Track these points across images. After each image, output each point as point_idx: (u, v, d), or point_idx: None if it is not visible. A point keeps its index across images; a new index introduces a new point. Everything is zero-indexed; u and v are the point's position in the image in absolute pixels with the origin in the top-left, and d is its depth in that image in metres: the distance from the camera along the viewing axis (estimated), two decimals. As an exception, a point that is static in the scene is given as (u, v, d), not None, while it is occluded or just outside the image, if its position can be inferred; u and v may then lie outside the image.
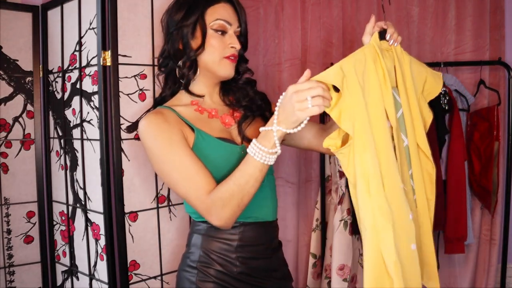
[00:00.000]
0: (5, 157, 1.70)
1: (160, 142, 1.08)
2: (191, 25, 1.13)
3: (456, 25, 2.11)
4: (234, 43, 1.15)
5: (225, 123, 1.19)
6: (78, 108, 1.56)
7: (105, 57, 1.41)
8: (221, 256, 1.13)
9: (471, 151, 2.09)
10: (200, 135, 1.11)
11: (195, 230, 1.19)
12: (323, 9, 2.19)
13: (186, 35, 1.14)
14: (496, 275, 2.17)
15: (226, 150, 1.11)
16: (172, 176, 1.08)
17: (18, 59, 1.71)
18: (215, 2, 1.14)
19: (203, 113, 1.18)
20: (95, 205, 1.51)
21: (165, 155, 1.07)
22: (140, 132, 1.10)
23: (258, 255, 1.16)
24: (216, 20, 1.13)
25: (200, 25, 1.13)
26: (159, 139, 1.08)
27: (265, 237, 1.17)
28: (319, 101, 0.92)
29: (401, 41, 1.10)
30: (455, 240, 2.00)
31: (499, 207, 2.12)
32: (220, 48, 1.14)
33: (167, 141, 1.07)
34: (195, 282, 1.13)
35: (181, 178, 1.07)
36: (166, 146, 1.07)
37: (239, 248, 1.14)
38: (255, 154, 1.01)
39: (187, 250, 1.20)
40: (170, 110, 1.14)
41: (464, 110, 2.07)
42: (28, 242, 1.76)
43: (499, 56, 2.07)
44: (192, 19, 1.13)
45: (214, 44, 1.13)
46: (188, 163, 1.06)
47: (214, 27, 1.13)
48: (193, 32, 1.13)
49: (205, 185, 1.06)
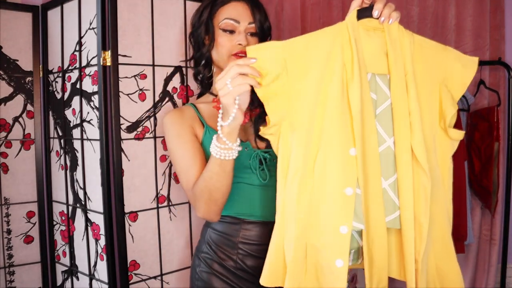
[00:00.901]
0: (5, 157, 1.70)
1: (170, 134, 1.19)
2: (203, 26, 1.22)
3: (456, 25, 2.11)
4: (241, 40, 1.18)
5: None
6: (78, 108, 1.56)
7: (105, 57, 1.41)
8: (222, 251, 1.18)
9: (471, 151, 2.09)
10: (208, 131, 1.18)
11: (206, 223, 1.27)
12: (323, 9, 2.19)
13: (200, 35, 1.24)
14: (496, 275, 2.17)
15: None
16: (175, 166, 1.19)
17: (18, 59, 1.71)
18: (226, 2, 1.20)
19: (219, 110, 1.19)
20: (95, 205, 1.51)
21: (173, 147, 1.18)
22: (163, 124, 1.22)
23: (258, 253, 1.17)
24: (224, 19, 1.19)
25: (209, 24, 1.21)
26: (170, 132, 1.19)
27: (268, 237, 1.17)
28: (238, 81, 0.89)
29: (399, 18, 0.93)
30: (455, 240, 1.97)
31: (499, 207, 2.12)
32: (228, 46, 1.19)
33: (175, 134, 1.18)
34: (198, 272, 1.21)
35: (180, 169, 1.17)
36: (174, 139, 1.18)
37: (240, 245, 1.17)
38: (212, 150, 1.02)
39: (199, 240, 1.29)
40: (191, 106, 1.25)
41: (464, 110, 2.07)
42: (28, 242, 1.76)
43: (499, 56, 2.06)
44: (203, 20, 1.22)
45: (221, 42, 1.20)
46: (187, 157, 1.15)
47: (222, 27, 1.19)
48: (205, 31, 1.22)
49: (194, 179, 1.12)
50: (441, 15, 2.12)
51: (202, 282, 1.19)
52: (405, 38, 0.93)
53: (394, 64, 0.91)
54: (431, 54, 0.96)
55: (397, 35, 0.92)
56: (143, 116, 1.49)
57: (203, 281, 1.19)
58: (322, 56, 0.92)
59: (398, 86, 0.91)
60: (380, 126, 0.93)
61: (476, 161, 2.08)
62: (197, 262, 1.23)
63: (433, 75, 0.95)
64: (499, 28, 2.10)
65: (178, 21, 1.56)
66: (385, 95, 0.93)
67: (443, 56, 0.97)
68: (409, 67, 0.92)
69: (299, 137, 0.92)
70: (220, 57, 1.21)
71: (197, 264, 1.23)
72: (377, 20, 0.92)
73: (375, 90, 0.93)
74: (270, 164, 1.17)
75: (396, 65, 0.91)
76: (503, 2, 2.10)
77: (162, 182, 1.55)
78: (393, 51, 0.92)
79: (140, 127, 1.49)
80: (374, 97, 0.93)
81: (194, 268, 1.24)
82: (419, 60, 0.94)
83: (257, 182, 1.16)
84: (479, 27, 2.09)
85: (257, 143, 1.19)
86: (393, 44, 0.92)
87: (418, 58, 0.94)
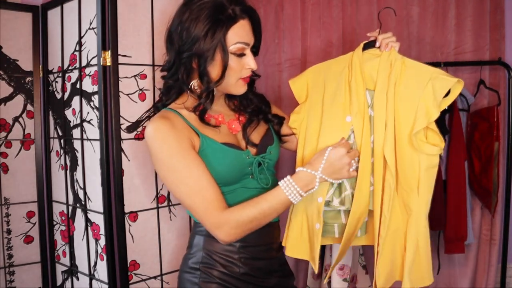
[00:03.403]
0: (5, 157, 1.70)
1: (167, 150, 1.05)
2: (211, 50, 1.05)
3: (456, 25, 2.11)
4: (251, 64, 1.11)
5: (232, 128, 1.18)
6: (78, 108, 1.56)
7: (105, 57, 1.41)
8: (223, 257, 1.14)
9: (471, 151, 2.08)
10: (205, 141, 1.09)
11: (197, 232, 1.18)
12: (323, 9, 2.18)
13: (204, 59, 1.06)
14: (496, 275, 2.17)
15: (231, 156, 1.11)
16: (178, 188, 1.07)
17: (18, 59, 1.71)
18: (235, 21, 1.06)
19: (210, 120, 1.15)
20: (95, 205, 1.51)
21: (172, 165, 1.05)
22: (147, 137, 1.07)
23: (260, 255, 1.17)
24: (236, 43, 1.06)
25: (221, 51, 1.05)
26: (165, 147, 1.05)
27: (267, 238, 1.18)
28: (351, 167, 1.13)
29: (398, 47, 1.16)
30: (455, 240, 2.00)
31: (499, 207, 2.12)
32: (237, 70, 1.10)
33: (174, 150, 1.05)
34: (198, 283, 1.13)
35: (188, 190, 1.05)
36: (173, 155, 1.05)
37: (242, 249, 1.14)
38: (288, 191, 1.07)
39: (189, 252, 1.19)
40: (176, 114, 1.11)
41: (464, 110, 2.06)
42: (28, 242, 1.76)
43: (499, 56, 2.06)
44: (213, 43, 1.04)
45: (232, 68, 1.08)
46: (196, 176, 1.05)
47: (233, 51, 1.07)
48: (212, 56, 1.06)
49: (215, 201, 1.05)
50: (441, 15, 2.12)
51: None
52: (396, 62, 1.15)
53: (380, 83, 1.14)
54: (415, 74, 1.14)
55: (388, 59, 1.15)
56: (143, 116, 1.49)
57: None
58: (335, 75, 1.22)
59: (379, 100, 1.14)
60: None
61: (476, 161, 2.07)
62: (193, 274, 1.14)
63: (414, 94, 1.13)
64: (499, 28, 2.09)
65: (178, 21, 1.56)
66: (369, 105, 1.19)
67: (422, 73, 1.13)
68: (390, 86, 1.13)
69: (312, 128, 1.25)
70: (228, 81, 1.10)
71: (193, 276, 1.14)
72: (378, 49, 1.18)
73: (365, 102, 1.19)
74: (267, 167, 1.18)
75: (381, 83, 1.14)
76: (503, 2, 2.09)
77: (162, 182, 1.55)
78: (382, 72, 1.15)
79: (140, 127, 1.49)
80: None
81: (190, 280, 1.14)
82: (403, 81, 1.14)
83: (257, 186, 1.15)
84: (479, 27, 2.09)
85: (250, 149, 1.18)
86: (384, 66, 1.15)
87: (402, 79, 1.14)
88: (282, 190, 1.06)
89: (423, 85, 1.11)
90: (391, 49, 1.14)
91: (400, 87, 1.14)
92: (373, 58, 1.17)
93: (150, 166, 1.52)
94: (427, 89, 1.11)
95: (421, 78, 1.12)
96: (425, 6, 2.13)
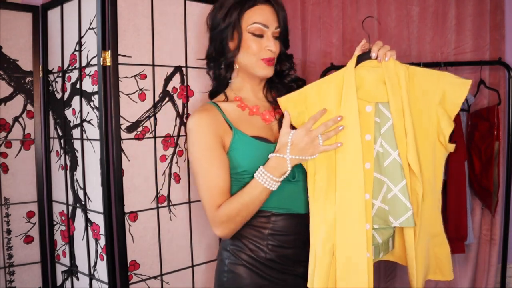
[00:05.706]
0: (5, 157, 1.70)
1: (198, 144, 1.17)
2: (229, 27, 1.18)
3: (456, 25, 2.11)
4: (271, 46, 1.18)
5: (266, 119, 1.24)
6: (78, 108, 1.56)
7: (105, 57, 1.41)
8: (252, 242, 1.20)
9: (472, 151, 2.08)
10: (237, 135, 1.18)
11: None
12: (323, 9, 2.19)
13: (225, 37, 1.20)
14: (496, 275, 2.17)
15: (260, 149, 1.17)
16: (197, 176, 1.18)
17: (18, 59, 1.71)
18: (253, 5, 1.17)
19: (245, 110, 1.23)
20: (95, 205, 1.51)
21: (199, 158, 1.17)
22: (189, 128, 1.19)
23: (287, 244, 1.21)
24: (253, 23, 1.17)
25: (237, 28, 1.17)
26: (198, 141, 1.17)
27: (296, 228, 1.22)
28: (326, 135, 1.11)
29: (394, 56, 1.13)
30: (455, 240, 2.00)
31: (499, 207, 2.12)
32: (257, 50, 1.18)
33: (204, 147, 1.16)
34: (227, 264, 1.22)
35: (202, 183, 1.17)
36: (202, 151, 1.17)
37: (270, 236, 1.20)
38: (263, 181, 1.12)
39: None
40: (215, 107, 1.21)
41: (464, 110, 2.06)
42: (28, 242, 1.76)
43: (499, 56, 2.06)
44: (230, 21, 1.18)
45: (251, 46, 1.18)
46: (214, 174, 1.16)
47: (251, 31, 1.17)
48: (232, 34, 1.19)
49: (217, 199, 1.15)
50: (441, 15, 2.12)
51: (232, 274, 1.21)
52: (400, 71, 1.12)
53: (392, 93, 1.11)
54: (424, 81, 1.13)
55: (393, 69, 1.12)
56: (143, 116, 1.50)
57: (233, 272, 1.21)
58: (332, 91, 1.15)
59: (397, 110, 1.11)
60: (385, 142, 1.13)
61: (476, 161, 2.07)
62: (225, 255, 1.24)
63: (428, 99, 1.13)
64: (499, 28, 2.09)
65: (178, 21, 1.56)
66: (386, 117, 1.13)
67: (435, 82, 1.13)
68: (404, 95, 1.10)
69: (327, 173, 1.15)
70: (248, 61, 1.20)
71: (225, 256, 1.24)
72: (376, 60, 1.13)
73: (378, 115, 1.14)
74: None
75: (393, 93, 1.11)
76: (503, 2, 2.09)
77: (162, 182, 1.55)
78: (390, 82, 1.11)
79: (140, 127, 1.49)
80: (378, 120, 1.14)
81: (223, 260, 1.25)
82: (414, 88, 1.13)
83: (285, 179, 1.18)
84: (479, 27, 2.09)
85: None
86: (390, 76, 1.11)
87: (412, 86, 1.13)
88: (258, 180, 1.13)
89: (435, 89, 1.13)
90: (390, 58, 1.13)
91: (412, 94, 1.13)
92: (373, 69, 1.14)
93: (150, 166, 1.52)
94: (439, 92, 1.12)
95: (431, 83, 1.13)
96: (425, 6, 2.14)
